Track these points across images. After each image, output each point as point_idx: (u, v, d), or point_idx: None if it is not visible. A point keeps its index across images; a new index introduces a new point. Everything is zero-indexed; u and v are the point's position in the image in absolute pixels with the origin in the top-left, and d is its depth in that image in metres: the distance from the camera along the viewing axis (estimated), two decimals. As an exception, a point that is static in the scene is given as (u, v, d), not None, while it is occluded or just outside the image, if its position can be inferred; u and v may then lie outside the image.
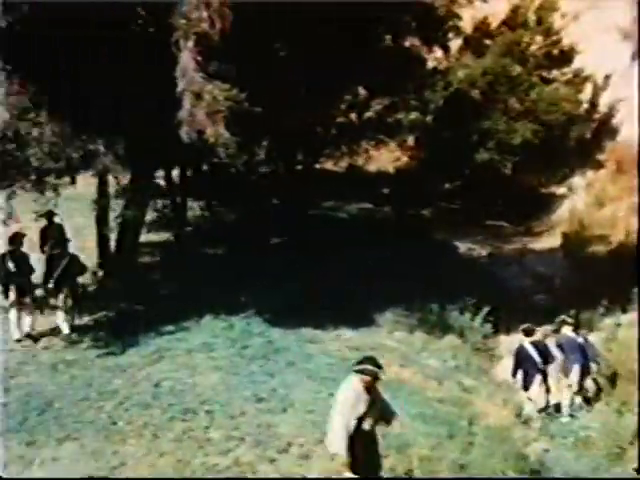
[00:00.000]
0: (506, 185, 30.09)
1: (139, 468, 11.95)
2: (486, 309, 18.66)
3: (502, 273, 25.04)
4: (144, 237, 21.08)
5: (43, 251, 18.57)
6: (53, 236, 18.92)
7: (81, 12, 14.07)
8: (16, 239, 17.28)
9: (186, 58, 14.64)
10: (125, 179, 18.36)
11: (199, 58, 14.62)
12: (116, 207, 18.73)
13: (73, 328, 17.71)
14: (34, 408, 13.91)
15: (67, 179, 17.77)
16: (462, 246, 27.85)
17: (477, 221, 29.68)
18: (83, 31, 14.26)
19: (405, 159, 34.54)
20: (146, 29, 15.13)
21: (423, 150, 32.44)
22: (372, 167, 35.36)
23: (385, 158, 35.01)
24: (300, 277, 20.00)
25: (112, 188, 19.40)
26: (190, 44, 14.63)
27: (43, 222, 18.55)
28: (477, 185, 30.11)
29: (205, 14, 14.59)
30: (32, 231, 19.13)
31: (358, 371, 10.19)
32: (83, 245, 20.88)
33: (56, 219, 18.94)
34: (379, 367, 10.20)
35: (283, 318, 17.57)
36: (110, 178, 18.67)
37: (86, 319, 18.25)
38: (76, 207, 22.14)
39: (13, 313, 17.36)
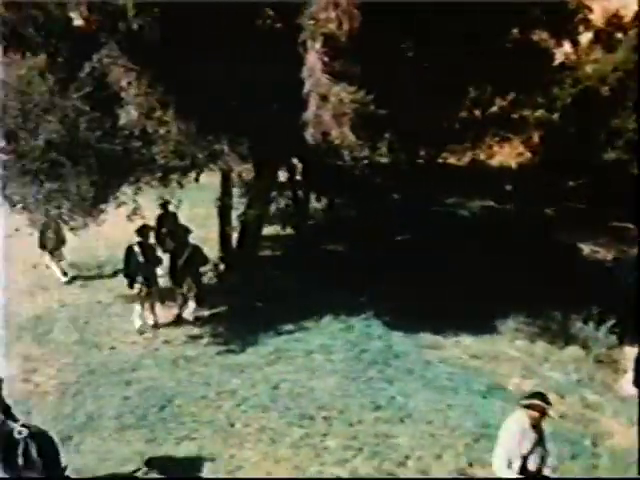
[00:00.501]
0: (634, 185, 29.08)
1: (255, 474, 12.00)
2: (612, 320, 17.99)
3: (627, 278, 24.18)
4: (265, 230, 21.06)
5: (159, 238, 18.98)
6: (168, 224, 19.56)
7: (208, 13, 14.13)
8: (144, 231, 17.73)
9: (313, 59, 14.49)
10: (249, 176, 18.45)
11: (326, 59, 14.46)
12: (239, 205, 18.80)
13: (194, 320, 18.06)
14: (153, 404, 14.13)
15: (192, 175, 17.92)
16: (586, 248, 27.06)
17: (602, 222, 28.78)
18: (211, 31, 14.32)
19: (528, 155, 33.84)
20: (273, 29, 15.05)
21: (548, 147, 31.65)
22: (494, 161, 34.71)
23: (508, 152, 34.34)
24: (420, 278, 19.62)
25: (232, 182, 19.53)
26: (317, 45, 14.46)
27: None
28: (603, 185, 29.18)
29: (333, 15, 14.38)
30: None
31: (526, 406, 9.90)
32: (206, 236, 21.05)
33: (170, 207, 19.51)
34: (548, 403, 9.90)
35: (403, 321, 17.37)
36: (233, 175, 18.77)
37: (206, 313, 18.40)
38: (200, 197, 22.29)
39: (137, 303, 17.75)
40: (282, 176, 22.05)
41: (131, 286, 17.78)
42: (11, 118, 15.50)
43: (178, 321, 18.12)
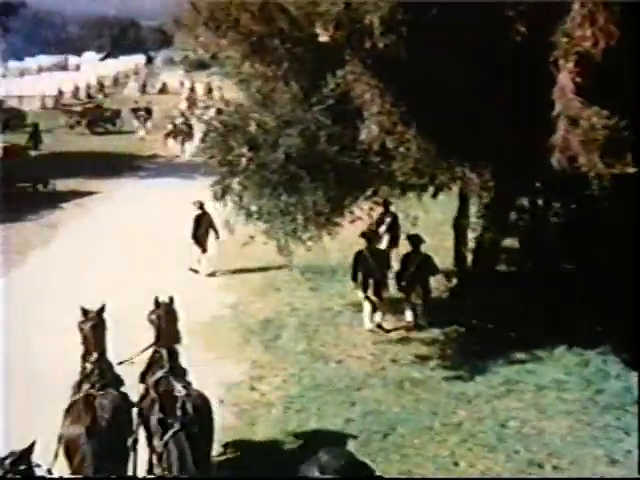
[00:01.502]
0: None
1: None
2: None
3: None
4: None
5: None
6: (387, 222, 20.16)
7: (454, 33, 13.60)
8: (369, 235, 18.13)
9: (565, 79, 13.68)
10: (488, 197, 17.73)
11: (578, 80, 13.58)
12: (476, 226, 18.17)
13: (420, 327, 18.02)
14: (377, 431, 13.73)
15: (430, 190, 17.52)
16: None
17: None
18: (456, 52, 13.78)
19: None
20: (522, 48, 14.25)
21: None
22: None
23: None
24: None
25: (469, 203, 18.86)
26: (570, 65, 13.62)
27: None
28: None
29: (589, 32, 13.48)
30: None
31: None
32: (440, 244, 20.63)
33: (392, 207, 19.81)
34: None
35: (644, 360, 16.04)
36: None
37: (436, 332, 17.89)
38: (434, 203, 21.73)
39: (367, 305, 17.96)
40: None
41: (364, 291, 17.78)
42: (253, 127, 15.64)
43: (408, 331, 17.81)
